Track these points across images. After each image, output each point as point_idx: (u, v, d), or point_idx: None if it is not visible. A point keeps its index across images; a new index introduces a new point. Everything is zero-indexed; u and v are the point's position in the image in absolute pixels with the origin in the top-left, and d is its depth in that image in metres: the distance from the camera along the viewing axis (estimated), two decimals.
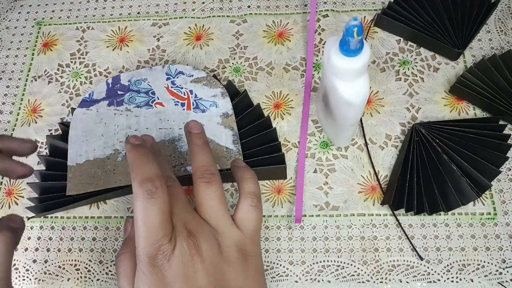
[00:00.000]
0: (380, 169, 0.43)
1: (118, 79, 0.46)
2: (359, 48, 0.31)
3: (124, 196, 0.44)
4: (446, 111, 0.45)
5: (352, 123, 0.39)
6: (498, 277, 0.39)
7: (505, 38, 0.48)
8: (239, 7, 0.53)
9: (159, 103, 0.45)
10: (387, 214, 0.42)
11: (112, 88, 0.46)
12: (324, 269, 0.40)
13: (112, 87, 0.46)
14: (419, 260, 0.40)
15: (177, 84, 0.46)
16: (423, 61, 0.48)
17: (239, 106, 0.45)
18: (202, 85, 0.45)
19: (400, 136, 0.44)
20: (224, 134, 0.43)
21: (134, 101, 0.45)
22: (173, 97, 0.45)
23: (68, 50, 0.53)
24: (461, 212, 0.41)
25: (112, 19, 0.54)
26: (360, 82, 0.34)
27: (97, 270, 0.42)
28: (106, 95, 0.46)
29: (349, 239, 0.41)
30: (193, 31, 0.52)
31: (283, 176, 0.43)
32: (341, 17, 0.51)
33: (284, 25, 0.51)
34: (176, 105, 0.44)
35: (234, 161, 0.35)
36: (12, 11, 0.57)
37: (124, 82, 0.46)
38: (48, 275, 0.42)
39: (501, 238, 0.40)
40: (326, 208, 0.42)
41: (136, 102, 0.45)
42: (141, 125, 0.43)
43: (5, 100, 0.51)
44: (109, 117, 0.44)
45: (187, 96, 0.45)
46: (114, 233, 0.43)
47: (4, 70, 0.53)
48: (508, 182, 0.42)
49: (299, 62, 0.49)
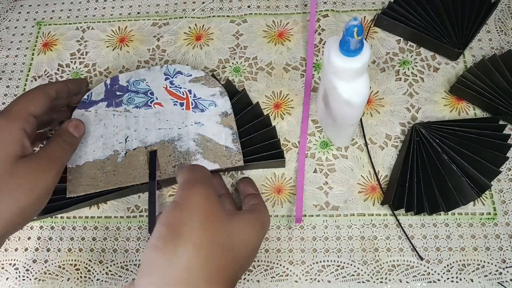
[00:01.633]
0: (380, 169, 0.43)
1: (117, 80, 0.46)
2: (359, 48, 0.31)
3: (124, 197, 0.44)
4: (446, 111, 0.45)
5: (352, 123, 0.39)
6: (498, 277, 0.39)
7: (505, 38, 0.48)
8: (239, 7, 0.53)
9: (158, 103, 0.45)
10: (387, 214, 0.42)
11: (110, 89, 0.46)
12: (324, 269, 0.40)
13: (111, 88, 0.46)
14: (419, 260, 0.40)
15: (176, 84, 0.46)
16: (423, 61, 0.48)
17: (238, 105, 0.45)
18: (200, 85, 0.45)
19: (400, 136, 0.44)
20: (224, 133, 0.43)
21: (133, 101, 0.45)
22: (172, 97, 0.45)
23: (68, 50, 0.53)
24: (461, 212, 0.41)
25: (112, 19, 0.54)
26: (360, 82, 0.34)
27: (97, 270, 0.42)
28: (105, 96, 0.45)
29: (349, 239, 0.41)
30: (193, 31, 0.52)
31: (282, 166, 0.44)
32: (341, 17, 0.51)
33: (284, 25, 0.51)
34: (175, 105, 0.44)
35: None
36: (12, 11, 0.57)
37: (122, 82, 0.46)
38: (48, 275, 0.42)
39: (501, 238, 0.40)
40: (326, 208, 0.42)
41: (135, 103, 0.45)
42: (140, 126, 0.44)
43: (5, 100, 0.51)
44: (108, 118, 0.44)
45: (186, 95, 0.45)
46: (114, 233, 0.43)
47: (4, 70, 0.53)
48: (508, 182, 0.42)
49: (299, 62, 0.49)
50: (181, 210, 0.30)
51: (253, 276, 0.40)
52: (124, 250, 0.43)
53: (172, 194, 0.44)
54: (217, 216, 0.31)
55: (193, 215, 0.30)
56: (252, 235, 0.33)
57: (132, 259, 0.42)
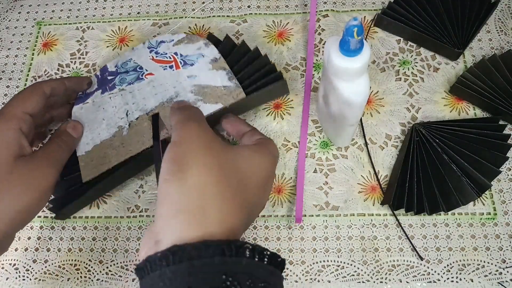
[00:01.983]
0: (380, 169, 0.43)
1: (106, 69, 0.47)
2: (359, 48, 0.31)
3: (124, 196, 0.44)
4: (446, 111, 0.45)
5: (352, 123, 0.39)
6: (498, 277, 0.39)
7: (505, 38, 0.48)
8: (239, 7, 0.53)
9: (149, 74, 0.45)
10: (387, 214, 0.42)
11: (102, 78, 0.47)
12: (324, 269, 0.40)
13: (102, 77, 0.47)
14: (419, 260, 0.40)
15: (161, 52, 0.46)
16: (423, 61, 0.48)
17: (224, 51, 0.46)
18: (184, 44, 0.46)
19: (400, 136, 0.44)
20: (219, 76, 0.43)
21: (125, 81, 0.46)
22: (160, 64, 0.46)
23: (68, 50, 0.53)
24: (461, 212, 0.41)
25: (112, 19, 0.54)
26: (360, 82, 0.34)
27: (97, 270, 0.42)
28: (98, 86, 0.46)
29: (349, 239, 0.41)
30: (193, 31, 0.52)
31: (286, 91, 0.45)
32: (341, 17, 0.51)
33: (284, 25, 0.51)
34: (165, 69, 0.45)
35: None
36: (12, 11, 0.57)
37: (111, 69, 0.47)
38: (48, 275, 0.42)
39: (501, 238, 0.40)
40: (326, 208, 0.42)
41: (127, 81, 0.45)
42: (138, 98, 0.44)
43: (5, 100, 0.51)
44: (106, 103, 0.45)
45: (173, 59, 0.46)
46: (114, 233, 0.43)
47: (4, 70, 0.53)
48: (508, 182, 0.42)
49: (299, 62, 0.49)
50: (180, 145, 0.30)
51: None
52: (124, 250, 0.43)
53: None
54: (216, 144, 0.30)
55: (193, 145, 0.29)
56: (262, 161, 0.32)
57: (132, 259, 0.42)
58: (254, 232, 0.42)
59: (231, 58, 0.45)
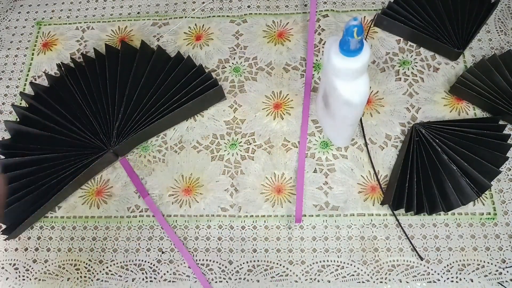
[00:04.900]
0: (380, 169, 0.43)
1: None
2: (359, 48, 0.31)
3: (124, 196, 0.44)
4: (446, 111, 0.45)
5: (352, 123, 0.39)
6: (498, 277, 0.39)
7: (505, 38, 0.48)
8: (239, 7, 0.53)
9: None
10: (387, 214, 0.42)
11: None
12: (323, 269, 0.40)
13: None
14: (419, 260, 0.40)
15: None
16: (423, 61, 0.48)
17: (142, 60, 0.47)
18: None
19: (400, 136, 0.44)
20: None
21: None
22: None
23: (68, 50, 0.53)
24: (461, 212, 0.41)
25: (112, 19, 0.54)
26: (360, 82, 0.34)
27: (97, 270, 0.42)
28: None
29: (349, 239, 0.41)
30: (193, 31, 0.52)
31: (222, 96, 0.46)
32: (341, 17, 0.51)
33: (284, 25, 0.51)
34: None
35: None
36: (12, 11, 0.57)
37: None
38: (48, 275, 0.42)
39: (501, 238, 0.40)
40: (326, 208, 0.42)
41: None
42: None
43: (5, 100, 0.51)
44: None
45: None
46: (114, 233, 0.43)
47: (4, 70, 0.53)
48: (508, 182, 0.42)
49: (299, 62, 0.49)
50: None
51: (253, 276, 0.40)
52: (124, 250, 0.43)
53: (172, 194, 0.44)
54: None
55: None
56: None
57: (132, 259, 0.42)
58: (254, 232, 0.42)
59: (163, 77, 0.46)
